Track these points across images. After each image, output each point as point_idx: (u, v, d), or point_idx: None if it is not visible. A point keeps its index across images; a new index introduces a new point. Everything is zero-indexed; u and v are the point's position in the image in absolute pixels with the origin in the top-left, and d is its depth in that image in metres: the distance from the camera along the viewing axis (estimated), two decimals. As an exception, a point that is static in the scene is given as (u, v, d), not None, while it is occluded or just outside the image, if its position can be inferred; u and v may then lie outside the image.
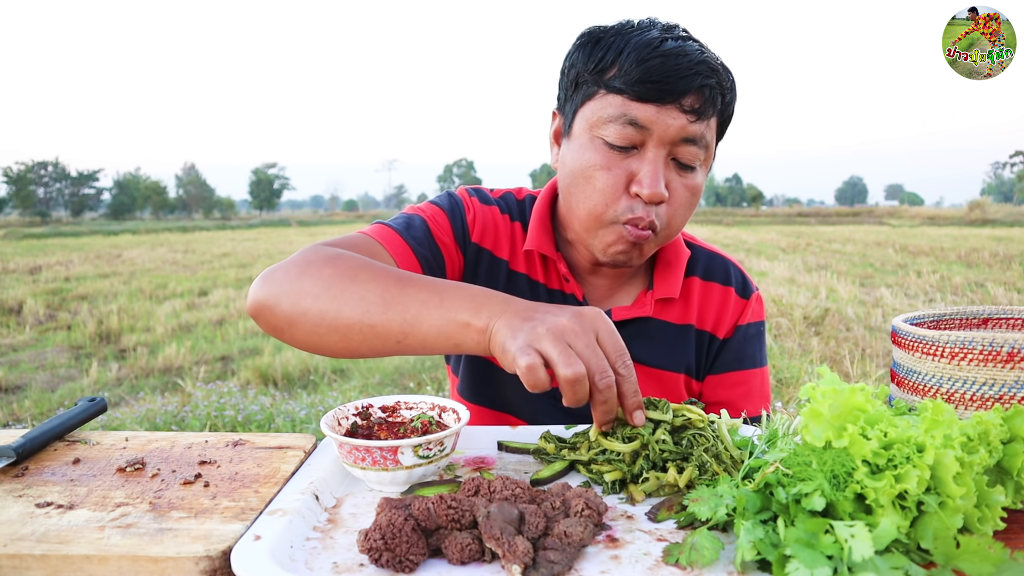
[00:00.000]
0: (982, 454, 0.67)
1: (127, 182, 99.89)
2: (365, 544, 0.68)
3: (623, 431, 0.90)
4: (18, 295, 11.29)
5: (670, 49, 1.06)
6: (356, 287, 0.97)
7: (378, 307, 0.95)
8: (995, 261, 14.77)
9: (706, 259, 1.37)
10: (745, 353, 1.34)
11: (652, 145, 1.08)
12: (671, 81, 1.04)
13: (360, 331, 0.96)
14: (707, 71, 1.07)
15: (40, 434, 0.99)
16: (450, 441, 0.90)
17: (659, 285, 1.29)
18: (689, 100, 1.06)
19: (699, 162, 1.12)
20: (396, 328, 0.95)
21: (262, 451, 0.99)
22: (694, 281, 1.33)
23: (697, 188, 1.15)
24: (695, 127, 1.08)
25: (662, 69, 1.04)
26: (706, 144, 1.11)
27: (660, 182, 1.08)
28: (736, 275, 1.37)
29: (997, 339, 0.85)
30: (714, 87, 1.08)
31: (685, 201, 1.14)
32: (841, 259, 16.26)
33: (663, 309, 1.30)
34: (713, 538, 0.67)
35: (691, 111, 1.07)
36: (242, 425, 4.55)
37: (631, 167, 1.10)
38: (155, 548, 0.71)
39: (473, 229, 1.30)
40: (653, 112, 1.06)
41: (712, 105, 1.09)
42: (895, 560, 0.61)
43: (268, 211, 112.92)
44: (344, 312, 0.96)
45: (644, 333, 1.29)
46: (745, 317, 1.35)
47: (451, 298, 0.93)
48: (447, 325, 0.91)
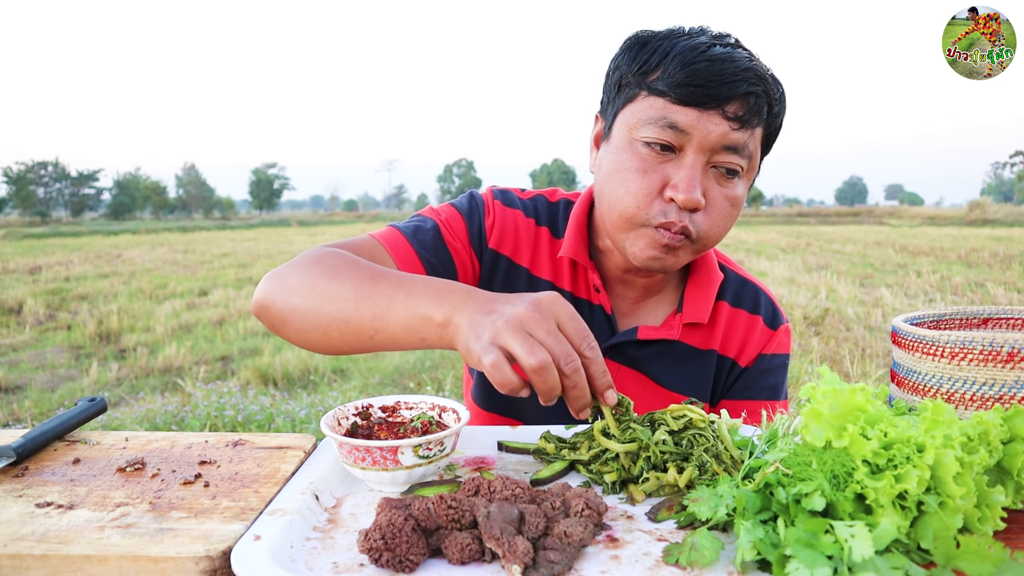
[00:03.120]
0: (982, 454, 0.67)
1: (127, 182, 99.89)
2: (365, 544, 0.68)
3: (623, 436, 0.90)
4: (18, 295, 11.29)
5: (717, 54, 1.03)
6: (334, 285, 0.99)
7: (351, 303, 0.97)
8: (995, 261, 14.77)
9: (737, 285, 1.33)
10: (764, 383, 1.30)
11: (691, 150, 1.06)
12: (715, 86, 1.02)
13: (338, 328, 0.98)
14: (754, 78, 1.04)
15: (40, 434, 0.99)
16: (450, 441, 0.90)
17: (688, 309, 1.26)
18: (733, 107, 1.04)
19: (741, 172, 1.09)
20: (368, 324, 0.96)
21: (262, 451, 0.99)
22: (722, 306, 1.30)
23: (737, 199, 1.11)
24: (737, 135, 1.05)
25: (707, 73, 1.02)
26: (749, 154, 1.08)
27: (697, 188, 1.05)
28: (766, 304, 1.33)
29: (997, 339, 0.85)
30: (760, 95, 1.05)
31: (724, 211, 1.10)
32: (841, 259, 16.27)
33: (689, 333, 1.28)
34: (713, 538, 0.67)
35: (735, 118, 1.04)
36: (242, 425, 4.55)
37: (667, 171, 1.07)
38: (155, 548, 0.71)
39: (491, 234, 1.27)
40: (695, 116, 1.04)
41: (757, 114, 1.06)
42: (895, 560, 0.61)
43: (268, 211, 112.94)
44: (324, 309, 0.99)
45: (667, 355, 1.27)
46: (770, 347, 1.31)
47: (416, 292, 0.93)
48: (411, 319, 0.92)
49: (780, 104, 1.11)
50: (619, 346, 1.26)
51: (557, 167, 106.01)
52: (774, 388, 1.31)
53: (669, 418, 0.90)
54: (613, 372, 1.27)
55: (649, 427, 0.90)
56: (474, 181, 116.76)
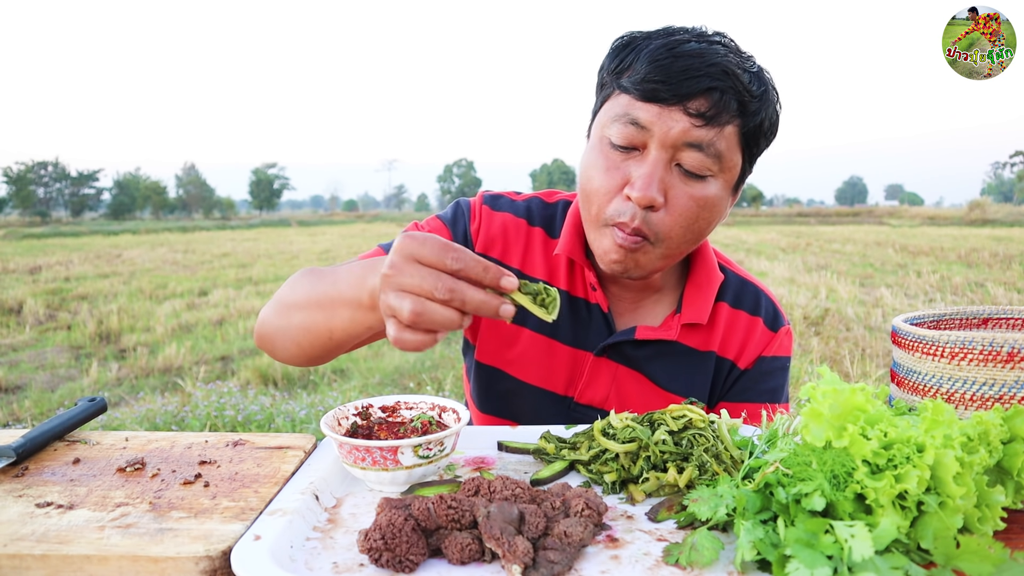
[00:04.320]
0: (982, 454, 0.67)
1: (127, 182, 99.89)
2: (365, 544, 0.68)
3: (622, 434, 0.90)
4: (18, 295, 11.29)
5: (686, 51, 1.02)
6: (293, 298, 1.06)
7: (306, 312, 1.03)
8: (995, 261, 14.77)
9: (738, 286, 1.31)
10: (764, 386, 1.29)
11: (653, 147, 1.04)
12: (676, 81, 1.00)
13: (304, 336, 1.05)
14: (719, 74, 1.01)
15: (40, 434, 0.99)
16: (450, 441, 0.90)
17: (687, 310, 1.25)
18: (696, 103, 1.01)
19: (710, 173, 1.06)
20: (323, 326, 1.01)
21: (262, 451, 0.99)
22: (722, 307, 1.29)
23: (706, 200, 1.08)
24: (701, 132, 1.02)
25: (670, 69, 1.01)
26: (717, 153, 1.05)
27: (652, 185, 1.03)
28: (767, 306, 1.31)
29: (997, 339, 0.85)
30: (727, 91, 1.02)
31: (688, 212, 1.07)
32: (841, 259, 16.27)
33: (688, 334, 1.27)
34: (713, 538, 0.67)
35: (697, 115, 1.01)
36: (242, 425, 4.55)
37: (630, 169, 1.06)
38: (155, 548, 0.71)
39: (477, 239, 1.28)
40: (656, 113, 1.03)
41: (724, 111, 1.03)
42: (895, 560, 0.61)
43: (268, 211, 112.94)
44: (291, 323, 1.06)
45: (665, 355, 1.26)
46: (770, 349, 1.29)
47: (343, 282, 0.96)
48: (350, 311, 0.95)
49: (760, 102, 1.06)
50: (617, 345, 1.26)
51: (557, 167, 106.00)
52: (774, 391, 1.30)
53: (669, 418, 0.90)
54: (611, 371, 1.27)
55: (649, 427, 0.90)
56: (474, 181, 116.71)
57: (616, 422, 0.92)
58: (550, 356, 1.28)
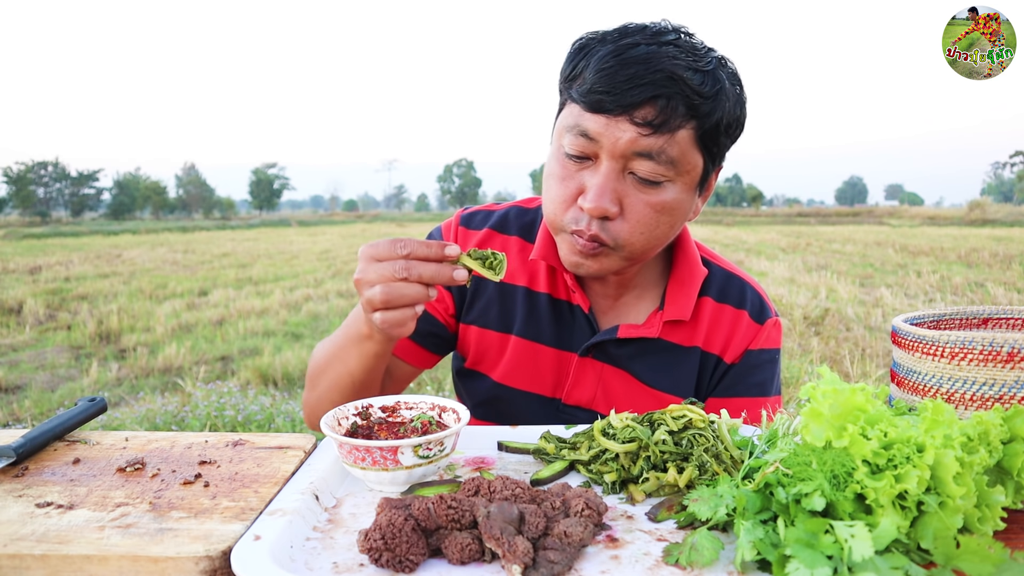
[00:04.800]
0: (982, 454, 0.67)
1: (127, 182, 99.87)
2: (365, 544, 0.68)
3: (622, 434, 0.90)
4: (18, 295, 11.29)
5: (631, 57, 1.00)
6: (314, 368, 1.25)
7: (328, 375, 1.20)
8: (995, 261, 14.77)
9: (722, 279, 1.31)
10: (753, 380, 1.28)
11: (604, 158, 1.05)
12: (620, 92, 1.00)
13: (337, 392, 1.20)
14: (664, 81, 0.99)
15: (40, 434, 0.99)
16: (450, 441, 0.90)
17: (670, 306, 1.25)
18: (642, 112, 1.01)
19: (665, 178, 1.06)
20: (345, 378, 1.18)
21: (262, 451, 0.99)
22: (706, 302, 1.28)
23: (663, 205, 1.08)
24: (648, 141, 1.02)
25: (614, 79, 1.00)
26: (669, 160, 1.04)
27: (604, 197, 1.04)
28: (753, 298, 1.30)
29: (997, 339, 0.85)
30: (674, 97, 1.00)
31: (646, 219, 1.08)
32: (841, 259, 16.27)
33: (671, 330, 1.26)
34: (713, 538, 0.67)
35: (645, 124, 1.01)
36: (242, 425, 4.55)
37: (584, 179, 1.08)
38: (155, 548, 0.71)
39: None
40: (603, 124, 1.03)
41: (673, 117, 1.01)
42: (895, 560, 0.61)
43: (268, 211, 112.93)
44: (320, 391, 1.23)
45: (649, 353, 1.26)
46: (757, 343, 1.28)
47: (344, 329, 1.17)
48: (360, 346, 1.12)
49: (713, 102, 1.03)
50: (601, 345, 1.26)
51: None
52: (763, 384, 1.29)
53: (669, 418, 0.90)
54: (596, 371, 1.27)
55: (649, 427, 0.90)
56: (474, 181, 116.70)
57: (616, 422, 0.92)
58: (535, 360, 1.29)
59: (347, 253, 20.96)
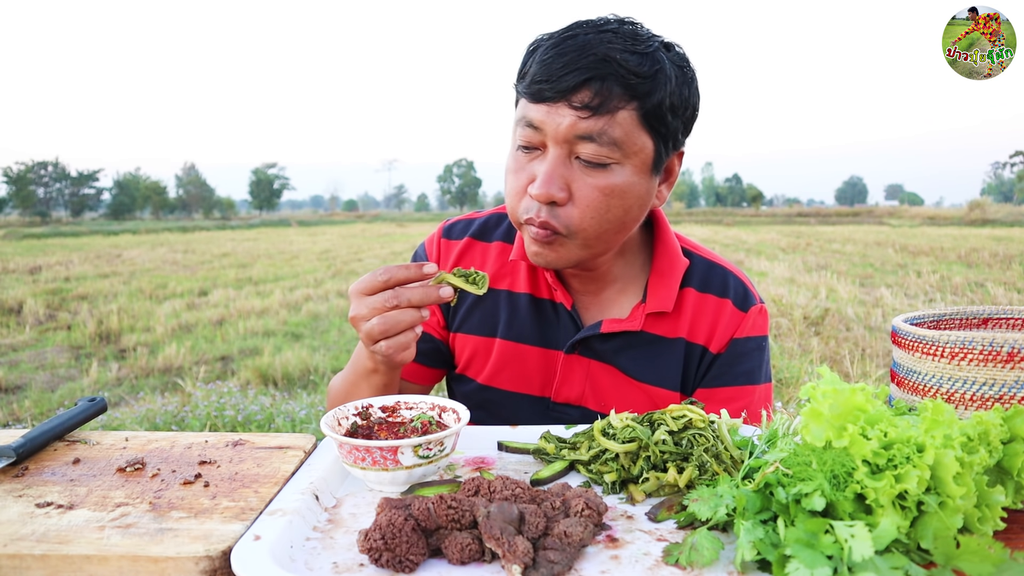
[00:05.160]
0: (982, 454, 0.67)
1: (127, 182, 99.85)
2: (365, 544, 0.68)
3: (622, 434, 0.90)
4: (18, 295, 11.29)
5: (570, 46, 1.04)
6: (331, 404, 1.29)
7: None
8: (995, 261, 14.76)
9: (704, 269, 1.31)
10: (740, 368, 1.27)
11: (550, 145, 1.08)
12: (555, 79, 1.04)
13: None
14: (596, 64, 1.02)
15: (40, 434, 0.99)
16: (450, 441, 0.90)
17: (652, 298, 1.25)
18: (579, 96, 1.04)
19: (611, 160, 1.07)
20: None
21: (262, 451, 0.99)
22: (689, 292, 1.28)
23: (612, 188, 1.08)
24: (587, 123, 1.04)
25: (550, 68, 1.04)
26: (612, 140, 1.05)
27: (550, 182, 1.07)
28: (736, 286, 1.30)
29: (997, 339, 0.85)
30: (608, 79, 1.03)
31: (596, 202, 1.08)
32: (841, 259, 16.26)
33: (655, 322, 1.26)
34: (713, 538, 0.67)
35: (583, 107, 1.04)
36: (242, 425, 4.55)
37: (534, 169, 1.10)
38: (155, 548, 0.71)
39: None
40: (544, 112, 1.06)
41: (610, 98, 1.03)
42: (895, 560, 0.61)
43: (268, 211, 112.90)
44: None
45: (633, 346, 1.26)
46: (742, 331, 1.28)
47: (351, 366, 1.22)
48: (368, 379, 1.18)
49: (652, 82, 1.05)
50: (586, 341, 1.27)
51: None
52: (750, 372, 1.28)
53: (669, 418, 0.90)
54: (583, 367, 1.28)
55: (649, 427, 0.90)
56: (474, 181, 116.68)
57: (616, 422, 0.92)
58: (522, 360, 1.30)
59: (347, 253, 20.97)
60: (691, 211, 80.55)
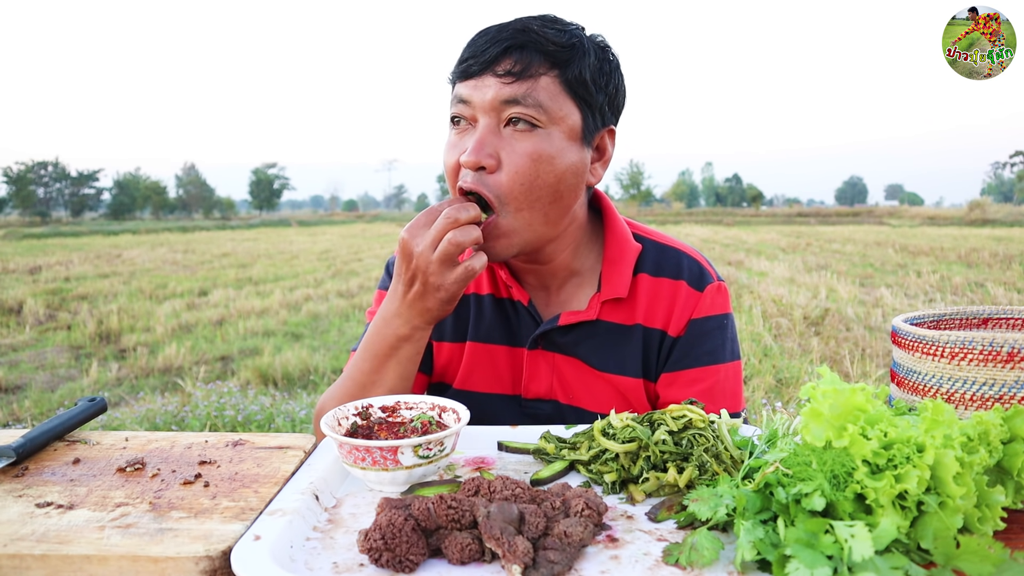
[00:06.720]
0: (982, 454, 0.67)
1: (127, 182, 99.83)
2: (365, 544, 0.68)
3: (622, 434, 0.90)
4: (18, 295, 11.29)
5: (491, 28, 1.13)
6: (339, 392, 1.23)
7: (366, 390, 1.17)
8: (995, 261, 14.76)
9: (656, 253, 1.30)
10: (702, 349, 1.25)
11: (479, 116, 1.13)
12: (479, 53, 1.11)
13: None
14: (513, 34, 1.10)
15: (40, 434, 0.99)
16: (450, 441, 0.90)
17: (606, 286, 1.25)
18: (502, 65, 1.10)
19: (537, 123, 1.11)
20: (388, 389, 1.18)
21: (262, 451, 0.99)
22: (643, 278, 1.27)
23: (540, 154, 1.11)
24: (512, 88, 1.10)
25: (474, 46, 1.13)
26: (537, 103, 1.10)
27: (479, 149, 1.10)
28: (690, 267, 1.28)
29: (997, 339, 0.85)
30: (527, 46, 1.10)
31: (524, 168, 1.10)
32: (841, 259, 16.26)
33: (611, 310, 1.26)
34: (713, 538, 0.67)
35: (506, 74, 1.10)
36: (242, 425, 4.55)
37: (466, 142, 1.14)
38: (155, 548, 0.71)
39: None
40: (472, 85, 1.12)
41: (532, 64, 1.10)
42: (895, 560, 0.61)
43: (268, 211, 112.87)
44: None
45: (592, 336, 1.26)
46: (700, 311, 1.26)
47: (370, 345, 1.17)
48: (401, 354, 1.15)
49: (571, 51, 1.12)
50: (547, 335, 1.27)
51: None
52: (713, 352, 1.26)
53: (669, 418, 0.90)
54: (548, 362, 1.29)
55: (649, 427, 0.90)
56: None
57: (616, 422, 0.92)
58: (492, 360, 1.31)
59: (347, 253, 20.96)
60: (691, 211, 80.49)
